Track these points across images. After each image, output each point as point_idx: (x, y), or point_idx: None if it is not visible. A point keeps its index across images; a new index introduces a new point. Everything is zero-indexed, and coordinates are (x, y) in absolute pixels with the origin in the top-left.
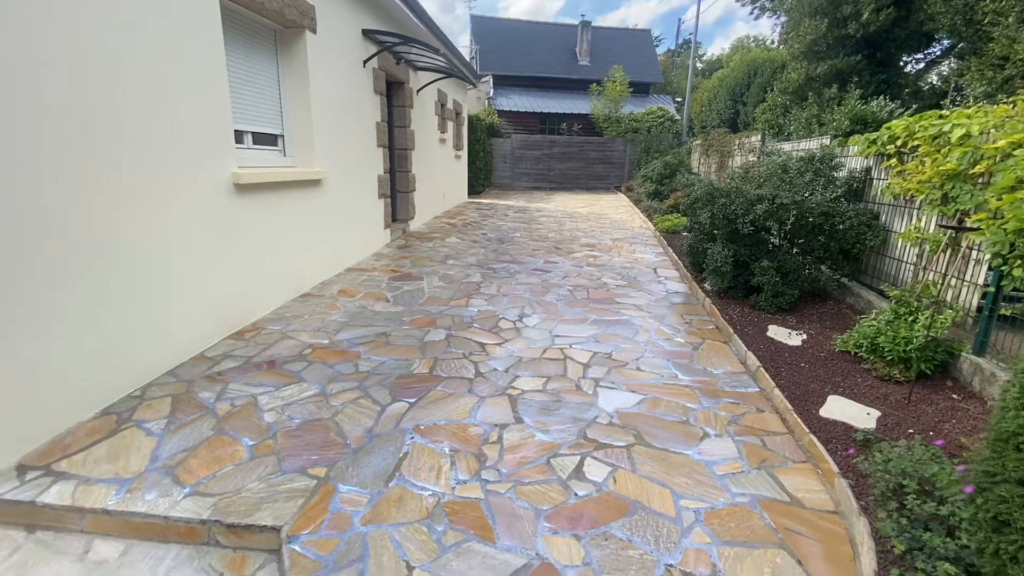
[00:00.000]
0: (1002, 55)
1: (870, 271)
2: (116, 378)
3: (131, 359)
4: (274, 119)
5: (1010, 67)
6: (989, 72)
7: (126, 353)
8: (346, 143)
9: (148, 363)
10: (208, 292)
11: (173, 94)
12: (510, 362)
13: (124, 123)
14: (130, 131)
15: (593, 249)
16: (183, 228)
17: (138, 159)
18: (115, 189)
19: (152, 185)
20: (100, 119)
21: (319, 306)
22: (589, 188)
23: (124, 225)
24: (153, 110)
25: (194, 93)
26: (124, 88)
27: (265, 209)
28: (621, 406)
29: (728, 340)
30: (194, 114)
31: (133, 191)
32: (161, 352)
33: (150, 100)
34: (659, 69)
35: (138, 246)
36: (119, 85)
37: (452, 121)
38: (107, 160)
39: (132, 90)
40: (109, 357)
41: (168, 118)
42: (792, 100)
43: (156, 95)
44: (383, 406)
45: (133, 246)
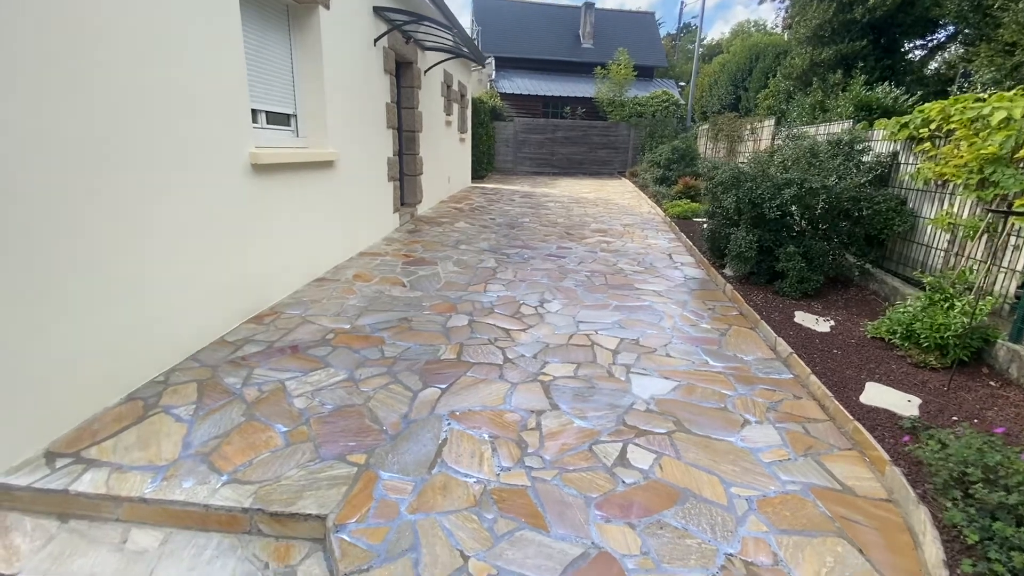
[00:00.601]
0: (1011, 41)
1: (895, 257)
2: (139, 363)
3: (153, 343)
4: (286, 98)
5: (1019, 53)
6: (999, 58)
7: (148, 337)
8: (357, 124)
9: (170, 347)
10: (227, 275)
11: (194, 69)
12: (537, 348)
13: (146, 97)
14: (152, 106)
15: (605, 235)
16: (202, 209)
17: (157, 138)
18: (138, 170)
19: (172, 164)
20: (124, 96)
21: (336, 291)
22: (593, 173)
23: (145, 207)
24: (174, 85)
25: (214, 69)
26: (146, 61)
27: (281, 190)
28: (656, 392)
29: (755, 326)
30: (213, 91)
31: (153, 171)
32: (182, 336)
33: (172, 74)
34: (663, 53)
35: (157, 228)
36: (143, 58)
37: (457, 103)
38: (130, 140)
39: (155, 64)
40: (131, 341)
41: (188, 93)
42: (796, 85)
43: (178, 70)
44: (415, 392)
45: (152, 228)
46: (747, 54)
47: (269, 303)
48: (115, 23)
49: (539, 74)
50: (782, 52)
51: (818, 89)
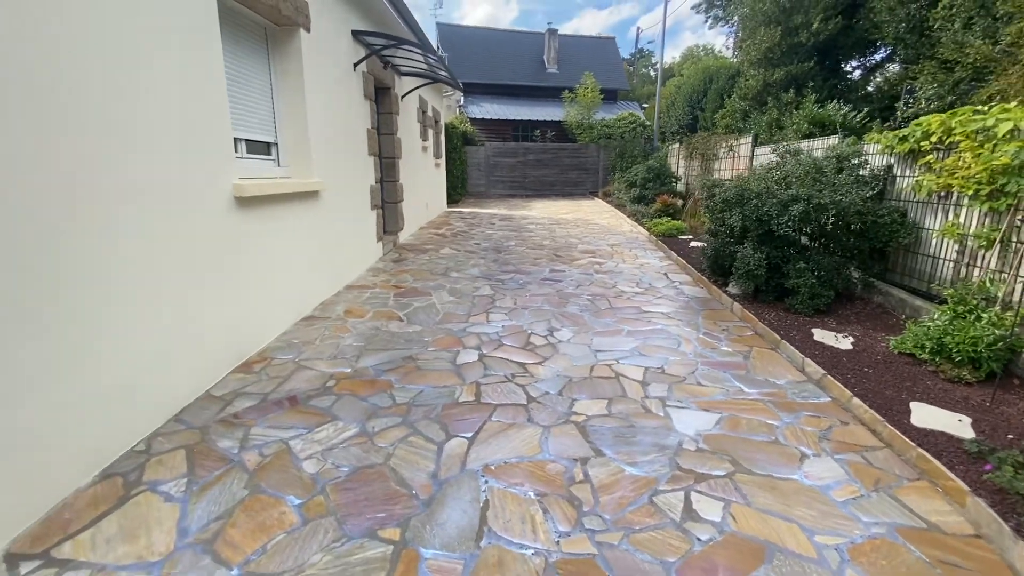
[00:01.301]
0: (951, 59)
1: (899, 269)
2: (114, 430)
3: (129, 406)
4: (267, 126)
5: (959, 70)
6: (941, 75)
7: (123, 400)
8: (341, 152)
9: (150, 409)
10: (211, 320)
11: (174, 95)
12: (560, 383)
13: (120, 126)
14: (128, 137)
15: (594, 256)
16: (183, 250)
17: (135, 170)
18: (110, 206)
19: (149, 203)
20: (97, 121)
21: (328, 329)
22: (565, 194)
23: (118, 253)
24: (153, 113)
25: (195, 95)
26: (121, 83)
27: (265, 224)
28: (701, 428)
29: (775, 346)
30: (194, 118)
31: (127, 212)
32: (163, 395)
33: (150, 100)
34: (625, 76)
35: (132, 275)
36: (117, 78)
37: (432, 128)
38: (103, 173)
39: (130, 86)
40: (104, 406)
41: (168, 122)
42: (751, 105)
43: (157, 95)
44: (439, 444)
45: (126, 276)
46: (701, 76)
47: (257, 348)
48: (80, 58)
49: (507, 99)
50: (734, 74)
51: (773, 108)
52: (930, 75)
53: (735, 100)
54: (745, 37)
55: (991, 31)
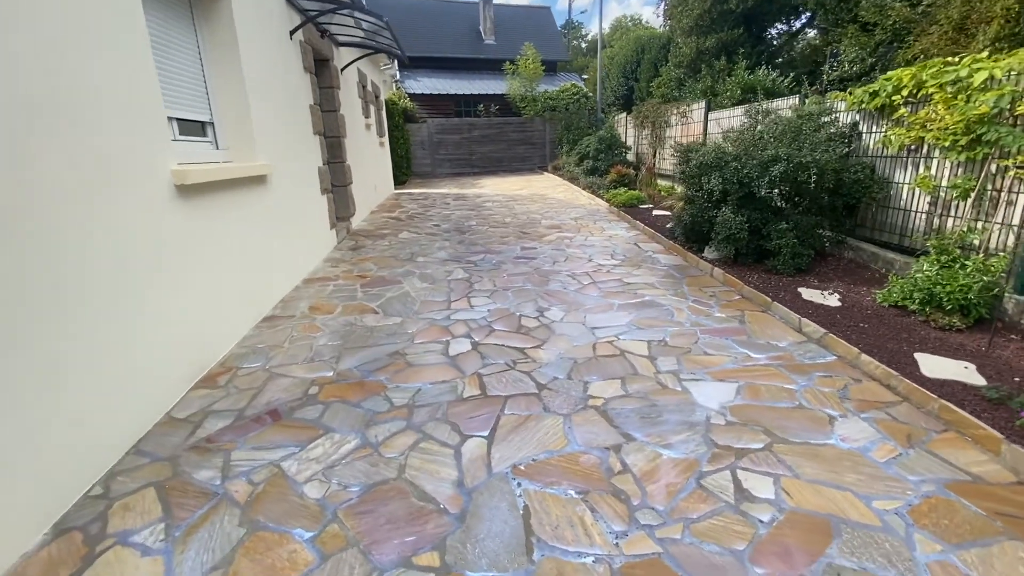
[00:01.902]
0: (872, 21)
1: (868, 224)
2: (61, 475)
3: (75, 444)
4: (199, 103)
5: (879, 32)
6: (863, 38)
7: (66, 437)
8: (284, 131)
9: (101, 444)
10: (161, 330)
11: (96, 68)
12: (566, 366)
13: (32, 112)
14: (42, 118)
15: (561, 230)
16: (121, 252)
17: (48, 160)
18: (31, 206)
19: (72, 193)
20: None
21: (295, 330)
22: (513, 170)
23: (41, 263)
24: (74, 88)
25: (120, 68)
26: (37, 55)
27: (211, 215)
28: (723, 400)
29: (766, 308)
30: (120, 92)
31: (51, 213)
32: (115, 425)
33: (70, 74)
34: (564, 47)
35: (57, 283)
36: (30, 50)
37: (373, 105)
38: (26, 166)
39: (47, 59)
40: (40, 447)
41: (91, 97)
42: (686, 73)
43: (77, 67)
44: (455, 447)
45: (50, 284)
46: (634, 47)
47: (218, 357)
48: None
49: (445, 72)
50: (666, 43)
51: (706, 75)
52: (853, 38)
53: (670, 68)
54: (676, 4)
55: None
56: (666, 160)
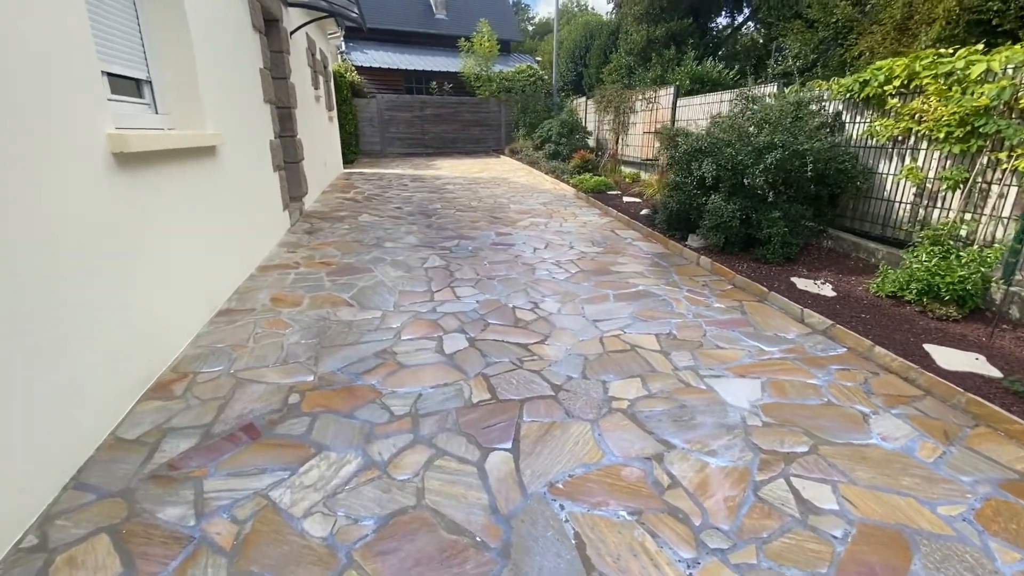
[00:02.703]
0: (815, 19)
1: (849, 214)
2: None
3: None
4: (134, 56)
5: (822, 29)
6: (808, 34)
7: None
8: (234, 96)
9: (28, 479)
10: (100, 330)
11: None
12: (578, 363)
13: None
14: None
15: (533, 216)
16: (45, 234)
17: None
18: None
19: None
20: None
21: (258, 325)
22: (468, 152)
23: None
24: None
25: (40, 5)
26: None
27: (154, 190)
28: (751, 398)
29: (762, 299)
30: (43, 36)
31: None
32: (46, 451)
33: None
34: (518, 27)
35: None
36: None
37: (322, 75)
38: None
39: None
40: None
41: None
42: (636, 61)
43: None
44: (477, 464)
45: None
46: (582, 32)
47: (169, 361)
48: None
49: (394, 46)
50: (615, 31)
51: (657, 64)
52: (798, 34)
53: (621, 56)
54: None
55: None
56: (630, 147)
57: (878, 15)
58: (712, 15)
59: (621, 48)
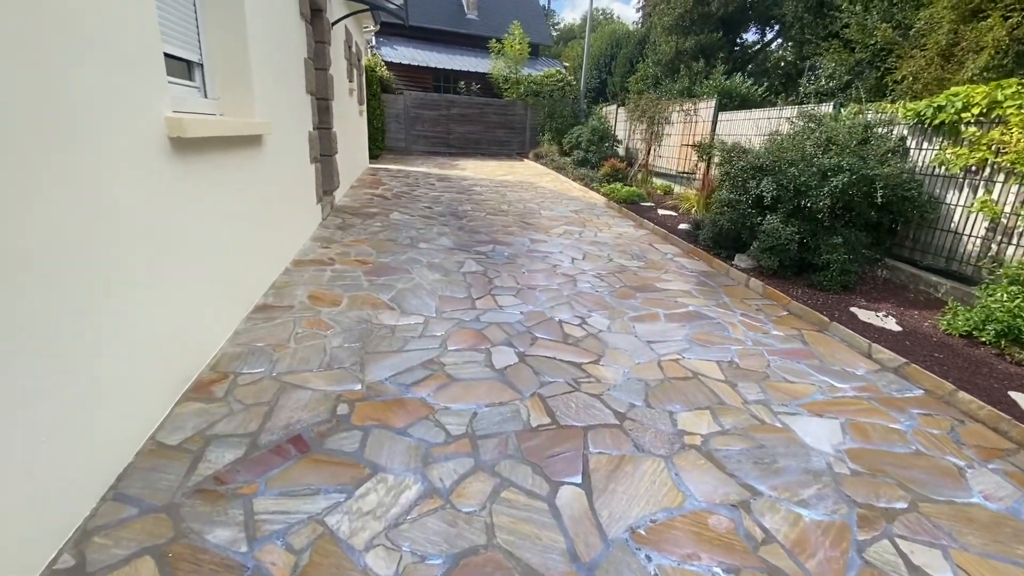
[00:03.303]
0: (854, 40)
1: (908, 244)
2: (10, 541)
3: (29, 491)
4: (188, 36)
5: (859, 51)
6: (844, 54)
7: (14, 482)
8: (280, 85)
9: (65, 487)
10: (147, 324)
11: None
12: (639, 390)
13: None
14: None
15: (564, 223)
16: (102, 219)
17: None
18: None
19: (49, 147)
20: None
21: (298, 325)
22: (492, 154)
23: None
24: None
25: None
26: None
27: (206, 179)
28: (833, 441)
29: (823, 328)
30: (109, 17)
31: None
32: (85, 456)
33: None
34: (548, 31)
35: (20, 267)
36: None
37: (356, 68)
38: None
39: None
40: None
41: (65, 21)
42: (663, 72)
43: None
44: (546, 499)
45: (15, 268)
46: (608, 40)
47: (208, 359)
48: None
49: (424, 44)
50: (642, 40)
51: (685, 76)
52: (835, 54)
53: (648, 65)
54: (658, 1)
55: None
56: (662, 158)
57: (921, 40)
58: (742, 31)
59: (648, 58)
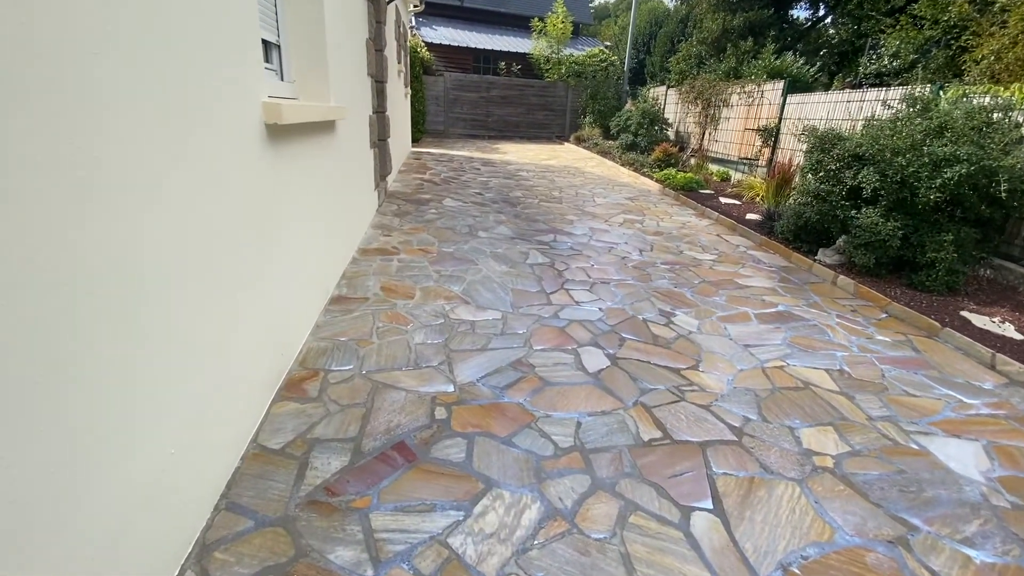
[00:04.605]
0: (926, 16)
1: (1020, 242)
2: (129, 563)
3: (146, 503)
4: (267, 17)
5: (929, 27)
6: (913, 31)
7: (131, 495)
8: (348, 68)
9: (181, 497)
10: (247, 319)
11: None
12: (749, 400)
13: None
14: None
15: (622, 211)
16: (207, 209)
17: (146, 86)
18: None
19: (158, 133)
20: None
21: (377, 318)
22: (531, 137)
23: (107, 238)
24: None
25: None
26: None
27: (293, 167)
28: (981, 467)
29: (932, 334)
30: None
31: (131, 160)
32: (197, 463)
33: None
34: (588, 8)
35: (132, 263)
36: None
37: (403, 49)
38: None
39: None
40: (87, 524)
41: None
42: (709, 51)
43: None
44: (679, 526)
45: (122, 262)
46: (647, 19)
47: (293, 353)
48: None
49: (465, 23)
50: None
51: (731, 55)
52: (901, 31)
53: (692, 44)
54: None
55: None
56: (719, 143)
57: (1004, 16)
58: (792, 6)
59: (693, 37)
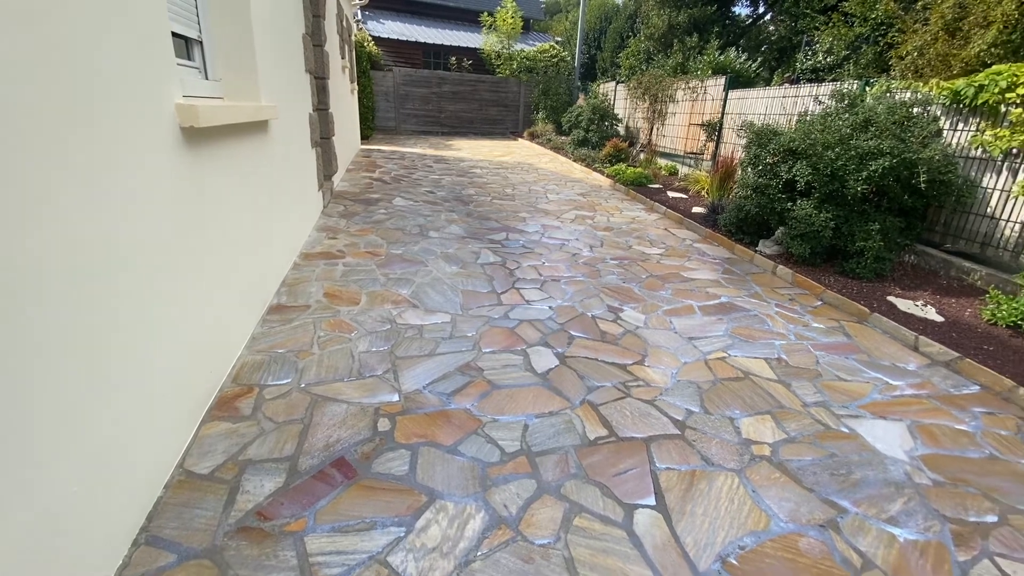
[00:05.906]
0: (852, 13)
1: (939, 229)
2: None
3: (50, 539)
4: (187, 11)
5: (859, 25)
6: (844, 28)
7: (31, 533)
8: (282, 64)
9: (92, 532)
10: (169, 336)
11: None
12: (693, 394)
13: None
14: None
15: (574, 207)
16: (115, 215)
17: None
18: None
19: (51, 132)
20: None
21: (319, 327)
22: (484, 133)
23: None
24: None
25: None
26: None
27: (217, 169)
28: (903, 446)
29: (862, 319)
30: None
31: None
32: (111, 494)
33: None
34: (539, 4)
35: (31, 275)
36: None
37: (347, 44)
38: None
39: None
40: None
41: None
42: (656, 47)
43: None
44: (623, 524)
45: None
46: (597, 14)
47: (226, 369)
48: None
49: (413, 18)
50: (632, 15)
51: (678, 51)
52: (833, 28)
53: (640, 40)
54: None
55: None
56: (666, 138)
57: (925, 13)
58: (734, 4)
59: (641, 32)
